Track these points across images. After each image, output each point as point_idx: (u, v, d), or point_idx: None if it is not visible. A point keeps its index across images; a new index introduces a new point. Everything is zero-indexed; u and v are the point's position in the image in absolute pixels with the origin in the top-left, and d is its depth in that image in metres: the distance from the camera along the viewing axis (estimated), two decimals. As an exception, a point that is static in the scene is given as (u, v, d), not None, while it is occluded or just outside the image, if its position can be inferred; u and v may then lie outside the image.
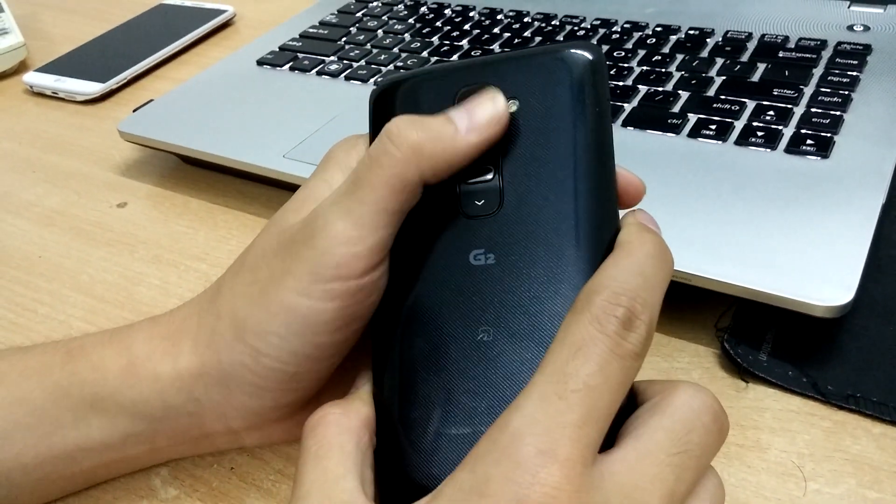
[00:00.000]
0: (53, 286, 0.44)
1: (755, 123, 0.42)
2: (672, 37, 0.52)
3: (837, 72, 0.45)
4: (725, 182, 0.38)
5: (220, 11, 0.71)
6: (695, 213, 0.36)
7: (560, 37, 0.54)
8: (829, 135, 0.40)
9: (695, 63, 0.48)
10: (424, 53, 0.55)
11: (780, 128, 0.41)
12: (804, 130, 0.41)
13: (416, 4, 0.62)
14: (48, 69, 0.65)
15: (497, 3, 0.60)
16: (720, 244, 0.34)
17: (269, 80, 0.55)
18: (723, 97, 0.45)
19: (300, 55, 0.57)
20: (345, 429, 0.23)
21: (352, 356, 0.29)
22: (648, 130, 0.43)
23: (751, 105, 0.44)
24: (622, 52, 0.51)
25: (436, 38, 0.56)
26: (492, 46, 0.54)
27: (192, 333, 0.27)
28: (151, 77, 0.65)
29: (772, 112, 0.43)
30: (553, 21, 0.56)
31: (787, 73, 0.46)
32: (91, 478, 0.31)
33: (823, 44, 0.48)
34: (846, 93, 0.43)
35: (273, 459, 0.32)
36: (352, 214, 0.24)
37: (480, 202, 0.24)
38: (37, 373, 0.29)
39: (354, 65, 0.55)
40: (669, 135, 0.42)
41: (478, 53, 0.54)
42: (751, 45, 0.50)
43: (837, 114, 0.42)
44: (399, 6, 0.62)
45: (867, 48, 0.47)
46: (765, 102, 0.44)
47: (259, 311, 0.25)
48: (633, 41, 0.52)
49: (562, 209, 0.23)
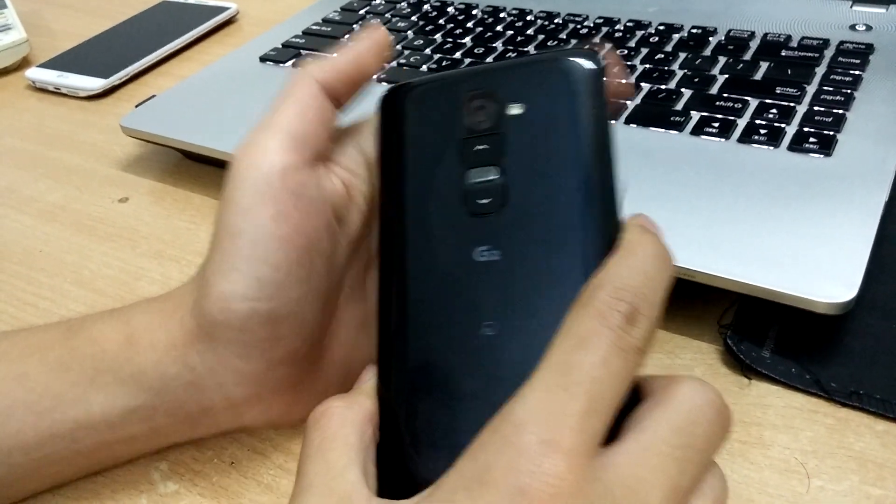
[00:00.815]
0: (55, 281, 0.44)
1: (758, 121, 0.42)
2: (675, 35, 0.52)
3: (840, 71, 0.45)
4: (728, 179, 0.38)
5: (223, 8, 0.71)
6: (698, 210, 0.36)
7: (563, 34, 0.54)
8: (832, 133, 0.40)
9: (697, 61, 0.48)
10: (427, 51, 0.55)
11: (783, 126, 0.41)
12: (807, 128, 0.41)
13: (419, 2, 0.62)
14: (51, 65, 0.65)
15: (500, 2, 0.60)
16: (723, 241, 0.34)
17: (272, 77, 0.54)
18: (725, 95, 0.45)
19: (303, 52, 0.57)
20: (349, 421, 0.23)
21: (355, 355, 0.30)
22: (651, 128, 0.43)
23: (753, 103, 0.44)
24: (625, 51, 0.51)
25: (438, 36, 0.56)
26: (494, 44, 0.54)
27: (186, 306, 0.28)
28: (154, 73, 0.65)
29: (774, 110, 0.43)
30: (556, 19, 0.56)
31: (790, 72, 0.46)
32: (92, 461, 0.31)
33: (826, 43, 0.48)
34: (849, 91, 0.43)
35: (273, 454, 0.32)
36: (275, 136, 0.27)
37: (485, 200, 0.24)
38: (38, 350, 0.29)
39: (357, 62, 0.55)
40: (672, 132, 0.42)
41: (480, 51, 0.54)
42: (753, 44, 0.50)
43: (840, 112, 0.42)
44: (402, 4, 0.62)
45: (869, 47, 0.47)
46: (767, 101, 0.44)
47: (216, 254, 0.27)
48: (636, 39, 0.52)
49: (567, 208, 0.24)
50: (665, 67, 0.48)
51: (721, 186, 0.38)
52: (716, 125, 0.42)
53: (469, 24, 0.57)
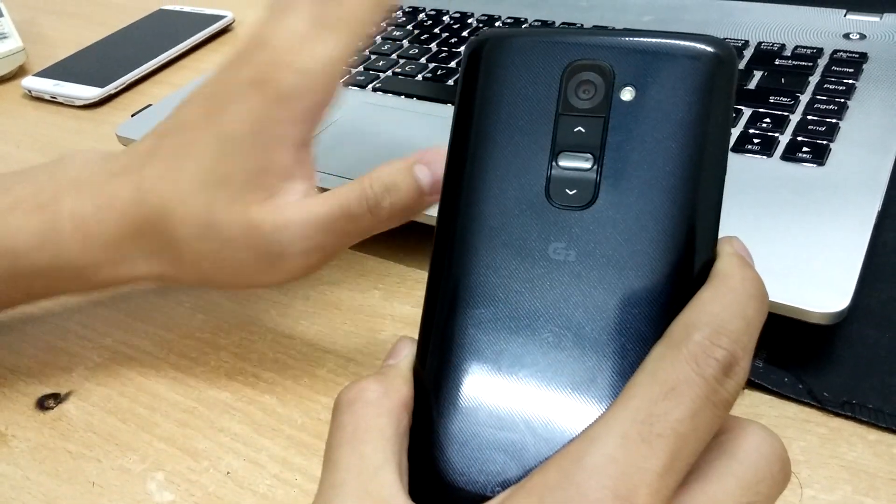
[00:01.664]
0: (50, 290, 0.44)
1: (751, 131, 0.42)
2: (669, 44, 0.52)
3: (833, 80, 0.46)
4: (722, 189, 0.38)
5: (220, 17, 0.71)
6: (691, 220, 0.36)
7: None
8: (825, 142, 0.40)
9: (692, 70, 0.49)
10: (423, 60, 0.55)
11: (777, 135, 0.42)
12: (800, 138, 0.41)
13: (415, 11, 0.62)
14: (47, 74, 0.65)
15: (495, 10, 0.60)
16: (716, 251, 0.35)
17: (268, 86, 0.54)
18: (719, 104, 0.45)
19: (299, 61, 0.57)
20: (385, 410, 0.22)
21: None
22: (645, 137, 0.43)
23: (747, 112, 0.44)
24: (620, 60, 0.51)
25: (434, 45, 0.57)
26: (490, 53, 0.54)
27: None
28: (150, 82, 0.65)
29: (768, 119, 0.43)
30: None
31: (784, 81, 0.46)
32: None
33: (820, 52, 0.49)
34: (842, 100, 0.44)
35: (269, 464, 0.32)
36: None
37: (572, 192, 0.22)
38: None
39: (352, 70, 0.55)
40: (666, 141, 0.43)
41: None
42: (747, 53, 0.50)
43: (833, 121, 0.42)
44: (397, 13, 0.62)
45: (863, 56, 0.48)
46: (761, 110, 0.44)
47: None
48: (631, 48, 0.52)
49: (661, 221, 0.21)
50: (659, 76, 0.49)
51: (715, 196, 0.38)
52: (709, 134, 0.42)
53: (465, 34, 0.58)
